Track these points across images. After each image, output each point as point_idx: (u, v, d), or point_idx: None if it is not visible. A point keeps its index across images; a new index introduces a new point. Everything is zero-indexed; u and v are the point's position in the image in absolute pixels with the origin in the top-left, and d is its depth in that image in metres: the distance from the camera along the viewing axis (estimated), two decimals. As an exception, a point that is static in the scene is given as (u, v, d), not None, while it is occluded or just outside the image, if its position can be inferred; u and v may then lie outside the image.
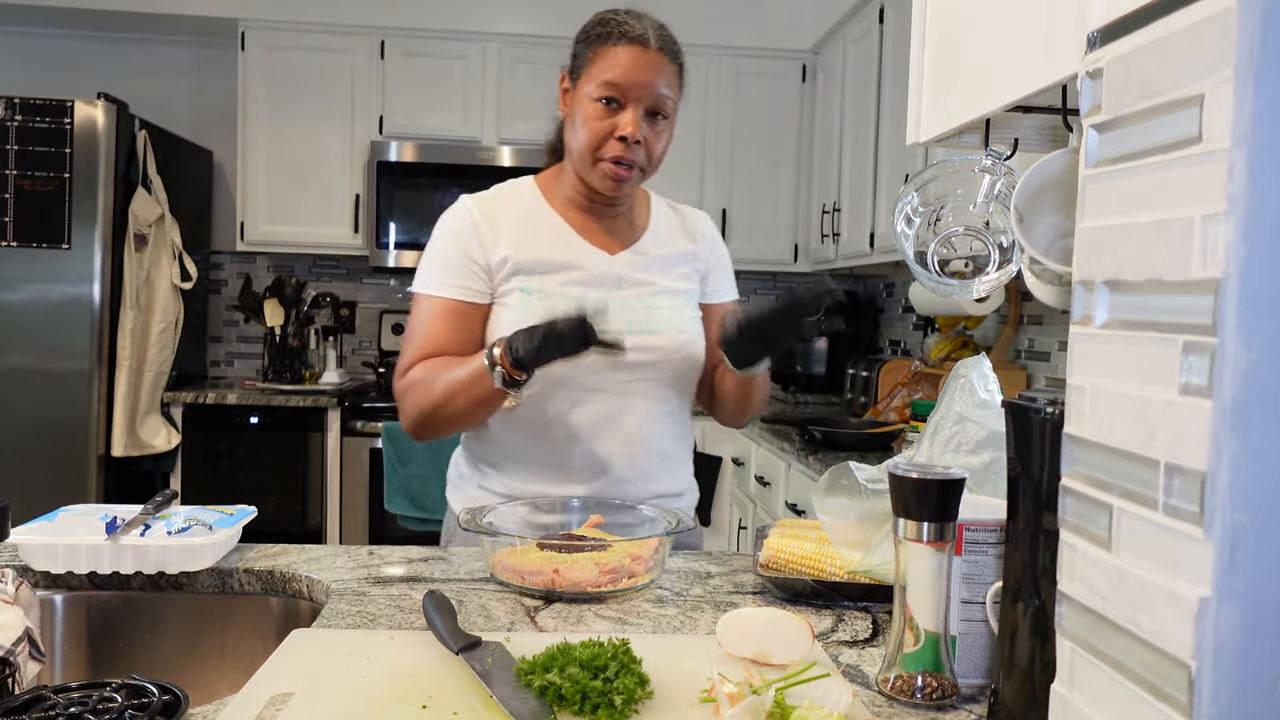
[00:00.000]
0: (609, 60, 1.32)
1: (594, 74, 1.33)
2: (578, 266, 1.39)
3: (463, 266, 1.38)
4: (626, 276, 1.40)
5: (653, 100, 1.33)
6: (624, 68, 1.32)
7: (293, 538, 3.31)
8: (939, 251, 1.05)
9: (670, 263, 1.45)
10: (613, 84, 1.32)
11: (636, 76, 1.32)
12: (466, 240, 1.38)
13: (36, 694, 0.78)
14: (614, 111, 1.33)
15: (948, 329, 3.11)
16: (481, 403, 1.29)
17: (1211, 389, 0.48)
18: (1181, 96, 0.52)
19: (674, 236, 1.48)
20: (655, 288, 1.42)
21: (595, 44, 1.35)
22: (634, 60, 1.32)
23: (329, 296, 3.90)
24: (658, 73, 1.33)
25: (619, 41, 1.33)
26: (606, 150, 1.34)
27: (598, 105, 1.33)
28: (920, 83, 1.02)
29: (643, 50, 1.32)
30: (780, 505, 2.86)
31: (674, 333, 1.39)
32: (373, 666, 0.88)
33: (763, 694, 0.77)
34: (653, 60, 1.33)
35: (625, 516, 1.30)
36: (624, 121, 1.32)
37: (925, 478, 0.84)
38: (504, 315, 1.36)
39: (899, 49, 2.90)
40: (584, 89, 1.35)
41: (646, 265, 1.43)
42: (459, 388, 1.28)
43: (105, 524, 1.17)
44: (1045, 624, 0.74)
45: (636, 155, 1.34)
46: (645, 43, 1.33)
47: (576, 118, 1.36)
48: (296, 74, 3.71)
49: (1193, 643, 0.49)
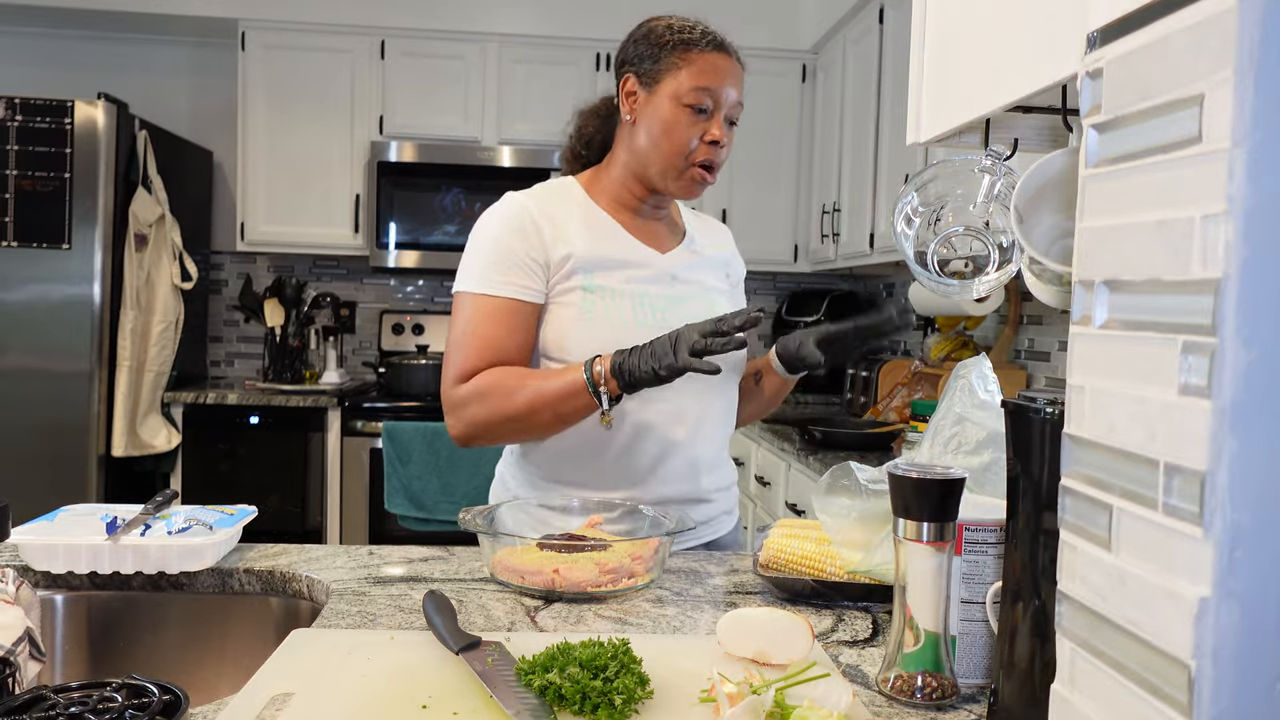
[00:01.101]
0: (699, 66, 1.33)
1: (683, 79, 1.33)
2: (636, 264, 1.38)
3: (523, 264, 1.32)
4: (680, 275, 1.41)
5: (733, 107, 1.36)
6: (715, 73, 1.33)
7: (293, 538, 3.32)
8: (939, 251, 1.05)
9: (714, 264, 1.48)
10: (706, 90, 1.33)
11: (725, 82, 1.34)
12: (528, 236, 1.33)
13: (37, 694, 0.78)
14: (703, 116, 1.34)
15: (948, 329, 3.11)
16: (567, 419, 1.27)
17: (1211, 389, 0.48)
18: (1181, 96, 0.52)
19: (709, 241, 1.51)
20: (705, 285, 1.44)
21: (680, 49, 1.34)
22: (722, 67, 1.34)
23: (329, 296, 3.90)
24: (738, 80, 1.37)
25: (706, 48, 1.34)
26: (696, 155, 1.35)
27: (687, 110, 1.33)
28: (920, 83, 1.02)
29: (727, 57, 1.35)
30: (780, 505, 2.86)
31: None
32: (373, 666, 0.88)
33: (763, 694, 0.77)
34: (734, 68, 1.36)
35: (625, 517, 1.30)
36: (713, 126, 1.34)
37: (925, 478, 0.84)
38: (564, 314, 1.33)
39: (899, 49, 2.90)
40: (667, 93, 1.34)
41: (695, 265, 1.45)
42: (546, 402, 1.25)
43: (105, 524, 1.17)
44: (1045, 624, 0.74)
45: (719, 159, 1.37)
46: (728, 50, 1.36)
47: (657, 123, 1.34)
48: (296, 74, 3.71)
49: (1192, 643, 0.49)
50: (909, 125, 1.03)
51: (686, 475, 1.39)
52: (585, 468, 1.37)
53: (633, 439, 1.35)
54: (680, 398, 1.36)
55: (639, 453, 1.35)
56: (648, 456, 1.36)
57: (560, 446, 1.36)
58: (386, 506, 3.32)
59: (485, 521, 1.22)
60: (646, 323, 1.34)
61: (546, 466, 1.39)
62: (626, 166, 1.40)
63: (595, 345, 1.29)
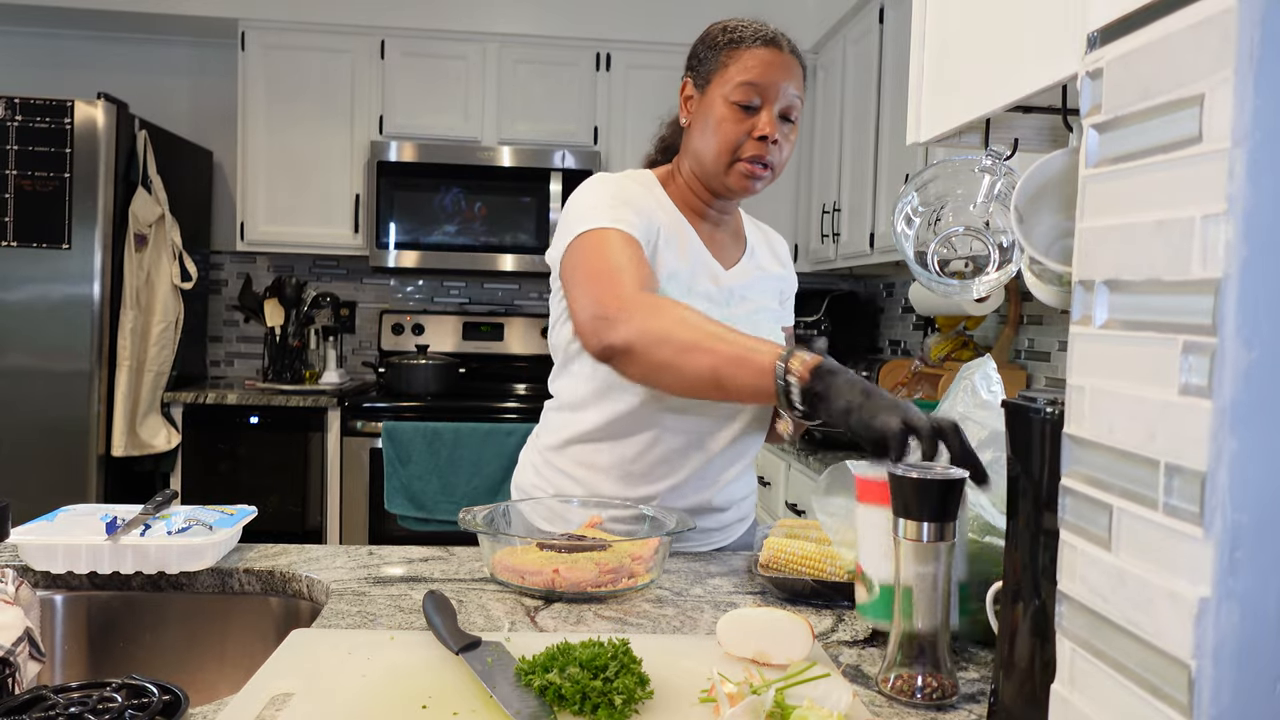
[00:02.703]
0: (746, 61, 1.32)
1: (730, 76, 1.33)
2: (700, 275, 1.37)
3: (645, 222, 1.30)
4: (736, 293, 1.40)
5: (787, 101, 1.34)
6: (761, 68, 1.32)
7: (293, 538, 3.32)
8: (939, 251, 1.05)
9: (768, 282, 1.47)
10: (751, 84, 1.32)
11: (774, 77, 1.32)
12: (645, 204, 1.34)
13: (36, 694, 0.78)
14: (751, 113, 1.33)
15: (948, 329, 3.11)
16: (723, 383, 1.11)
17: (1211, 389, 0.48)
18: (1181, 96, 0.52)
19: (767, 258, 1.50)
20: (757, 305, 1.43)
21: (728, 48, 1.35)
22: (770, 61, 1.32)
23: (329, 296, 3.90)
24: (791, 75, 1.34)
25: (753, 44, 1.33)
26: (745, 150, 1.34)
27: (734, 107, 1.33)
28: (920, 83, 1.02)
29: (777, 52, 1.33)
30: (780, 505, 2.86)
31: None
32: (373, 666, 0.88)
33: (763, 694, 0.77)
34: (787, 62, 1.34)
35: (626, 517, 1.30)
36: (762, 121, 1.32)
37: (925, 478, 0.84)
38: None
39: (899, 49, 2.90)
40: (717, 93, 1.34)
41: (751, 283, 1.43)
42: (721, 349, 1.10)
43: (105, 524, 1.17)
44: (1045, 624, 0.74)
45: (772, 155, 1.35)
46: (779, 45, 1.34)
47: (709, 122, 1.34)
48: (296, 74, 3.71)
49: (1193, 643, 0.49)
50: (909, 125, 1.03)
51: (699, 489, 1.38)
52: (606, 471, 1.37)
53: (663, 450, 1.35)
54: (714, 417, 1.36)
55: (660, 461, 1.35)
56: (667, 467, 1.36)
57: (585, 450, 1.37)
58: (386, 506, 3.32)
59: (485, 521, 1.22)
60: None
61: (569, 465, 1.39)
62: (690, 170, 1.40)
63: None
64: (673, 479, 1.36)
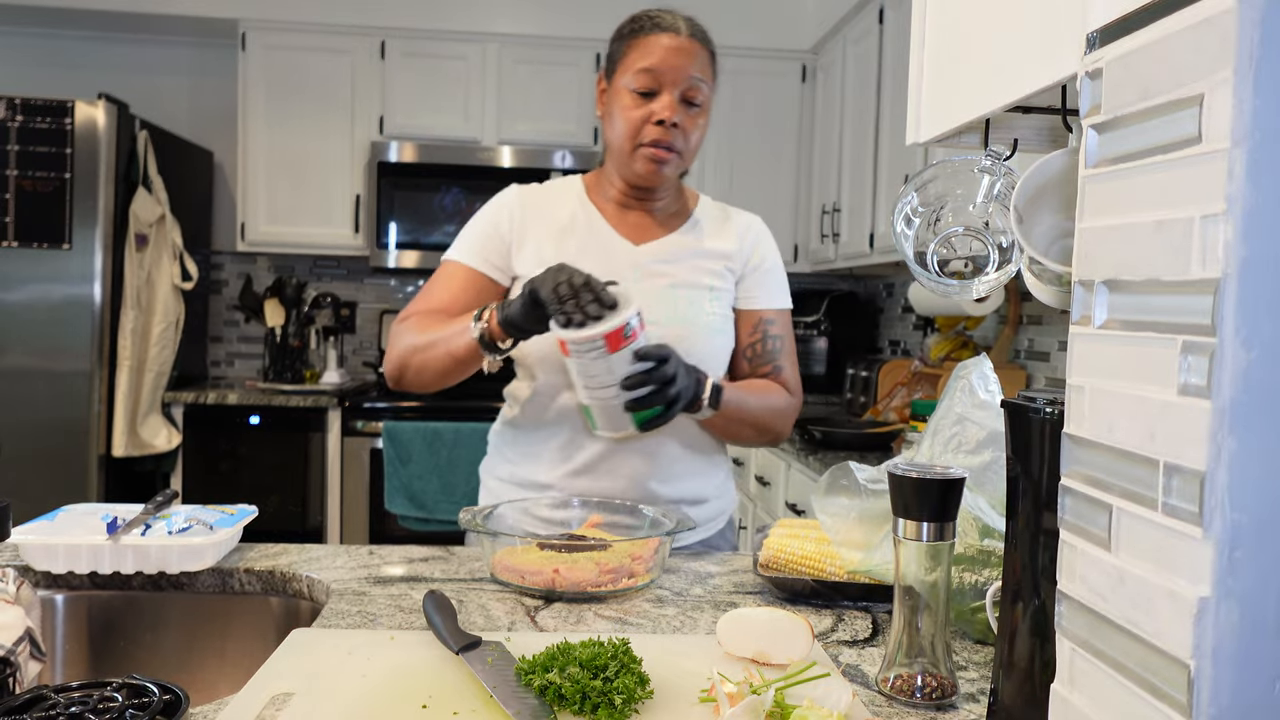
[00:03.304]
0: (644, 48, 1.36)
1: (629, 64, 1.37)
2: (596, 254, 1.40)
3: (490, 241, 1.42)
4: (645, 267, 1.42)
5: (688, 85, 1.36)
6: (660, 54, 1.35)
7: (293, 538, 3.31)
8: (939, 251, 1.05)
9: (698, 257, 1.45)
10: (648, 70, 1.35)
11: (671, 61, 1.35)
12: (500, 219, 1.44)
13: (37, 694, 0.78)
14: (651, 99, 1.36)
15: (948, 329, 3.11)
16: (456, 357, 1.30)
17: (1210, 389, 0.49)
18: (1181, 96, 0.52)
19: (712, 234, 1.48)
20: (673, 280, 1.42)
21: (629, 38, 1.38)
22: (667, 47, 1.35)
23: (329, 297, 3.90)
24: (691, 58, 1.36)
25: (652, 31, 1.36)
26: (645, 135, 1.36)
27: (634, 95, 1.36)
28: (920, 83, 1.02)
29: (675, 37, 1.36)
30: (780, 505, 2.86)
31: (681, 323, 1.38)
32: (373, 666, 0.88)
33: (763, 694, 0.77)
34: (685, 46, 1.36)
35: (626, 517, 1.30)
36: (660, 106, 1.35)
37: (925, 478, 0.84)
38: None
39: (899, 49, 2.90)
40: (620, 82, 1.38)
41: (669, 257, 1.43)
42: (442, 337, 1.31)
43: (106, 524, 1.17)
44: (1045, 624, 0.74)
45: (675, 140, 1.37)
46: (677, 30, 1.36)
47: (614, 111, 1.39)
48: (296, 74, 3.71)
49: (1192, 643, 0.49)
50: (909, 125, 1.03)
51: (635, 476, 1.39)
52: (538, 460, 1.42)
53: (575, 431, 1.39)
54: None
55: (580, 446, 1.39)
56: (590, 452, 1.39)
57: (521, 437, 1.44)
58: (386, 506, 3.32)
59: (485, 521, 1.22)
60: None
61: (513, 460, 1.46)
62: (609, 161, 1.45)
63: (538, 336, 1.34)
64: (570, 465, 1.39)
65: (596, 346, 1.18)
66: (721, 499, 1.50)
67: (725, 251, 1.47)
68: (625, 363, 1.20)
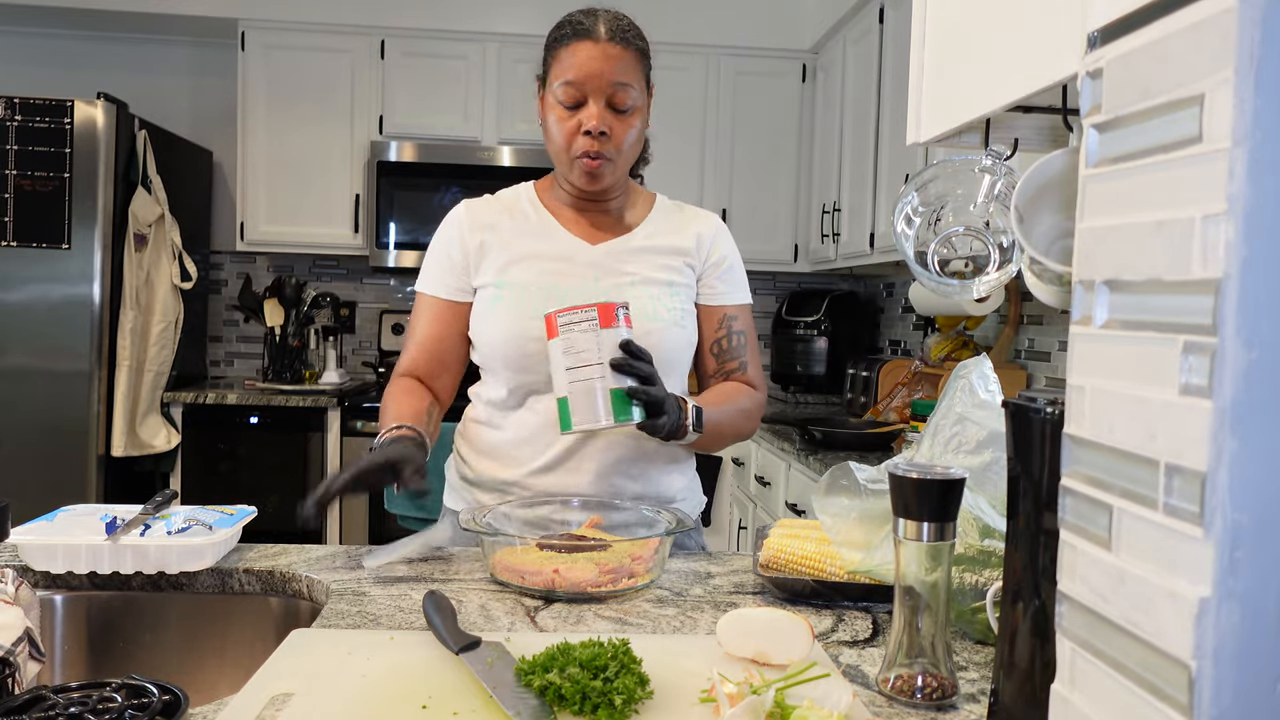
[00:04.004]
0: (565, 60, 1.35)
1: (554, 76, 1.36)
2: (555, 257, 1.42)
3: (447, 266, 1.44)
4: (603, 265, 1.42)
5: (610, 90, 1.34)
6: (577, 65, 1.33)
7: (293, 538, 3.31)
8: (939, 251, 1.05)
9: (656, 254, 1.45)
10: (569, 83, 1.34)
11: (591, 69, 1.33)
12: (450, 240, 1.45)
13: (36, 694, 0.78)
14: (577, 110, 1.35)
15: (948, 329, 3.11)
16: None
17: (1211, 389, 0.48)
18: (1181, 96, 0.52)
19: (669, 232, 1.48)
20: (633, 278, 1.42)
21: (554, 47, 1.38)
22: (586, 55, 1.33)
23: (329, 296, 3.90)
24: (613, 63, 1.34)
25: (571, 40, 1.35)
26: (576, 147, 1.36)
27: (561, 108, 1.36)
28: (920, 83, 1.02)
29: (594, 44, 1.34)
30: (780, 505, 2.86)
31: (642, 319, 1.37)
32: (373, 666, 0.88)
33: (763, 694, 0.77)
34: (605, 51, 1.34)
35: (625, 516, 1.30)
36: (586, 116, 1.35)
37: (925, 478, 0.84)
38: (478, 311, 1.43)
39: (899, 49, 2.90)
40: (548, 95, 1.38)
41: (627, 256, 1.43)
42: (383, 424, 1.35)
43: (105, 524, 1.17)
44: (1045, 624, 0.74)
45: (605, 147, 1.36)
46: (595, 36, 1.34)
47: (548, 123, 1.39)
48: (296, 74, 3.71)
49: (1193, 643, 0.49)
50: (909, 125, 1.03)
51: (600, 473, 1.39)
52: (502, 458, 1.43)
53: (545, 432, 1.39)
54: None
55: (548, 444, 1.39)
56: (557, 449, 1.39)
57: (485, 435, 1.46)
58: (386, 506, 3.30)
59: (485, 522, 1.22)
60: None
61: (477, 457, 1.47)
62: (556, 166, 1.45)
63: (501, 338, 1.38)
64: (536, 463, 1.39)
65: (589, 318, 1.21)
66: (688, 501, 1.50)
67: (683, 248, 1.47)
68: (613, 345, 1.22)
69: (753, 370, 1.51)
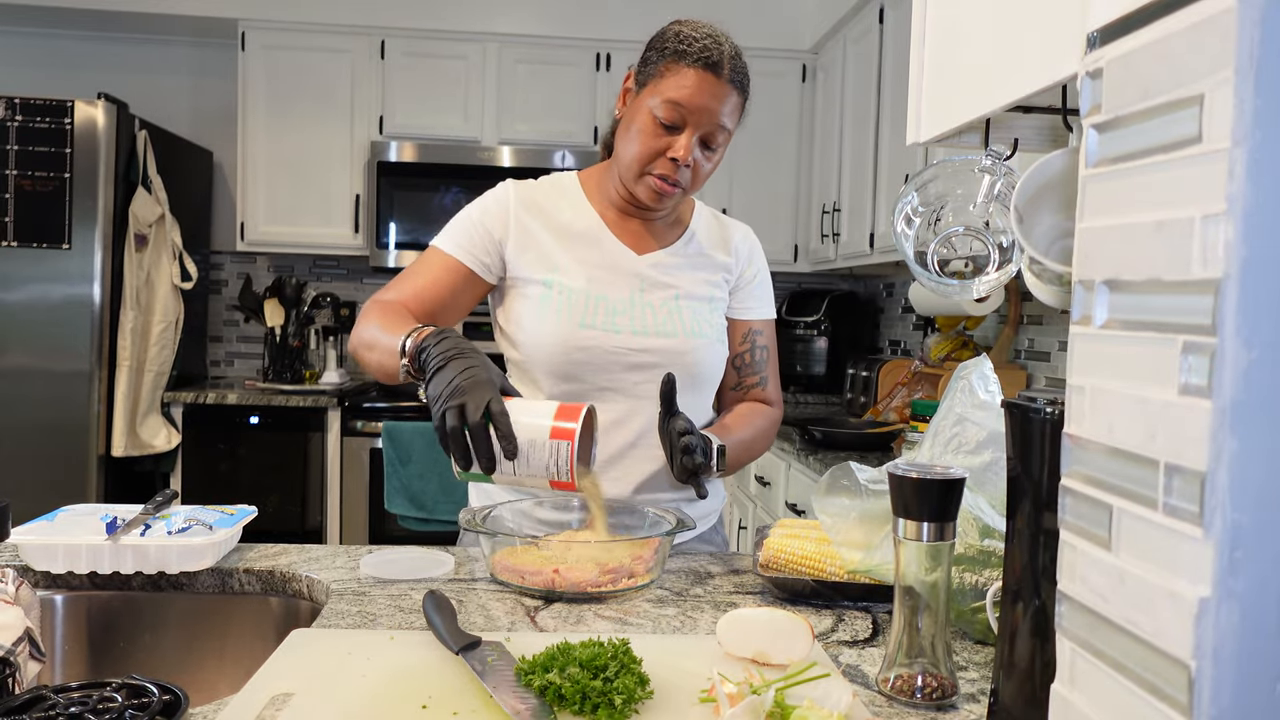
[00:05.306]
0: (679, 79, 1.30)
1: (661, 89, 1.31)
2: (604, 265, 1.39)
3: (480, 236, 1.40)
4: (649, 277, 1.40)
5: (711, 129, 1.32)
6: (691, 91, 1.29)
7: (293, 538, 3.32)
8: (939, 251, 1.05)
9: (699, 268, 1.44)
10: (677, 104, 1.30)
11: (702, 102, 1.29)
12: (493, 217, 1.41)
13: (36, 694, 0.78)
14: (672, 132, 1.32)
15: (948, 329, 3.11)
16: (387, 372, 1.23)
17: (1211, 389, 0.48)
18: (1181, 96, 0.52)
19: (711, 245, 1.47)
20: (678, 291, 1.41)
21: (670, 58, 1.32)
22: (703, 86, 1.29)
23: (329, 296, 3.90)
24: (721, 102, 1.31)
25: (694, 63, 1.29)
26: (656, 166, 1.33)
27: (656, 122, 1.31)
28: (920, 82, 1.02)
29: (715, 78, 1.30)
30: (780, 505, 2.86)
31: (687, 335, 1.37)
32: (373, 666, 0.88)
33: (763, 694, 0.77)
34: (721, 90, 1.30)
35: (626, 517, 1.30)
36: (678, 144, 1.31)
37: (925, 478, 0.84)
38: (522, 305, 1.38)
39: (899, 49, 2.90)
40: (647, 100, 1.32)
41: (673, 268, 1.42)
42: (381, 345, 1.23)
43: (105, 524, 1.17)
44: (1045, 624, 0.74)
45: (682, 176, 1.34)
46: (719, 70, 1.30)
47: (633, 126, 1.34)
48: (296, 74, 3.71)
49: (1193, 643, 0.49)
50: (909, 125, 1.03)
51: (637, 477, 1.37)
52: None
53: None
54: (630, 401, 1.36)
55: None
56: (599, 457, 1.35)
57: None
58: (386, 506, 3.31)
59: (485, 521, 1.22)
60: (596, 324, 1.34)
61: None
62: (614, 165, 1.41)
63: (544, 338, 1.34)
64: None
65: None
66: (713, 497, 1.50)
67: (724, 264, 1.47)
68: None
69: (772, 386, 1.50)
